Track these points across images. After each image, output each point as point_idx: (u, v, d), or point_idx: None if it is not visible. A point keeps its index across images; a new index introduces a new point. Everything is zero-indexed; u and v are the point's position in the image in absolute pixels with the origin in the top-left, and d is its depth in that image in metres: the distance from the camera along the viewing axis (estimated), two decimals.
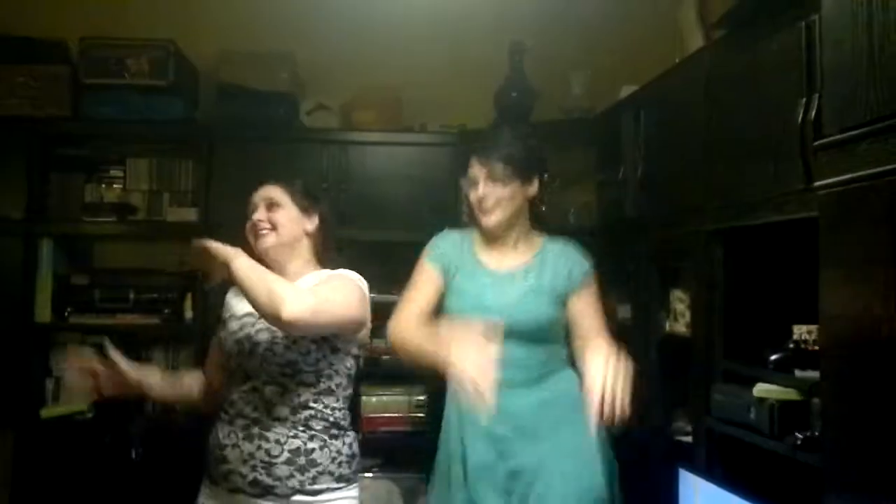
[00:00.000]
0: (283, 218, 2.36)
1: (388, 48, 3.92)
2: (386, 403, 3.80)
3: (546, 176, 2.60)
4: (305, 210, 2.40)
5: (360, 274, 2.41)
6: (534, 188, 2.54)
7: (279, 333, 2.25)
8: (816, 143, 1.64)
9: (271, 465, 2.21)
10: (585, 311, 2.52)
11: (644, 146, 2.88)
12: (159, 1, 3.94)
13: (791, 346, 2.14)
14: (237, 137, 3.77)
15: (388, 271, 3.77)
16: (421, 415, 3.76)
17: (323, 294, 2.20)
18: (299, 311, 2.07)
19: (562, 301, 2.52)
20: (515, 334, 2.42)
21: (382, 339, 3.65)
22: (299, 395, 2.26)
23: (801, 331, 2.17)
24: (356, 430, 2.45)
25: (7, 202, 3.69)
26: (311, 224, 2.41)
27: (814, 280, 2.22)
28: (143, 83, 3.75)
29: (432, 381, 2.67)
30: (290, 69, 3.83)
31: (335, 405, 2.33)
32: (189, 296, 3.78)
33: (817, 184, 1.60)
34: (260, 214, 2.35)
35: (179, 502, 2.45)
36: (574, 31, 3.86)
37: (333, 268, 2.39)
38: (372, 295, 3.63)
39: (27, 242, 3.72)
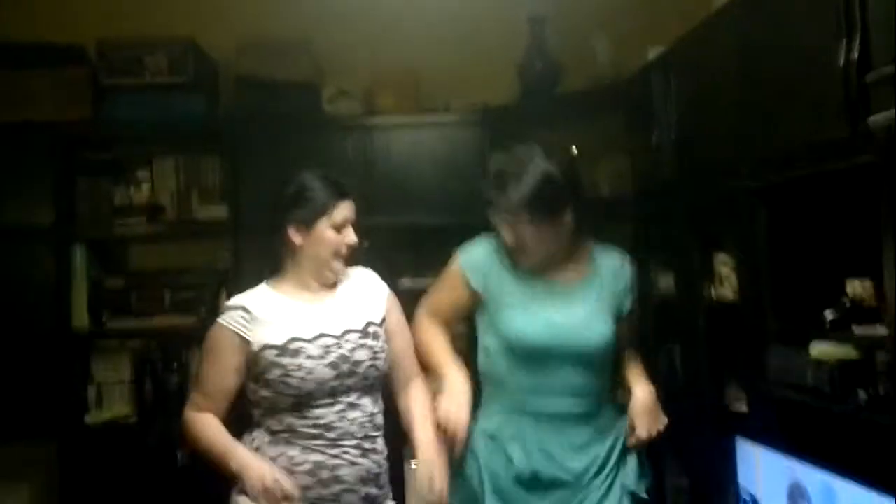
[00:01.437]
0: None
1: (404, 28, 3.85)
2: None
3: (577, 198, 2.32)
4: None
5: (389, 261, 2.38)
6: (569, 216, 2.26)
7: (377, 347, 2.25)
8: (867, 77, 1.54)
9: (380, 476, 2.22)
10: (628, 333, 2.37)
11: (677, 108, 2.79)
12: None
13: (847, 302, 2.05)
14: (260, 130, 3.72)
15: (419, 256, 3.74)
16: None
17: None
18: None
19: (617, 319, 2.32)
20: (579, 358, 2.25)
21: None
22: (378, 403, 2.27)
23: (854, 285, 2.09)
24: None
25: (36, 209, 3.65)
26: None
27: (862, 232, 2.15)
28: (163, 81, 3.71)
29: None
30: (308, 57, 3.77)
31: None
32: (224, 292, 3.75)
33: (871, 119, 1.51)
34: (352, 238, 2.24)
35: None
36: None
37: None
38: (405, 280, 3.63)
39: (59, 249, 3.69)
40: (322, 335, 2.20)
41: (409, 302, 2.47)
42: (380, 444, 2.23)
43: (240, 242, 3.66)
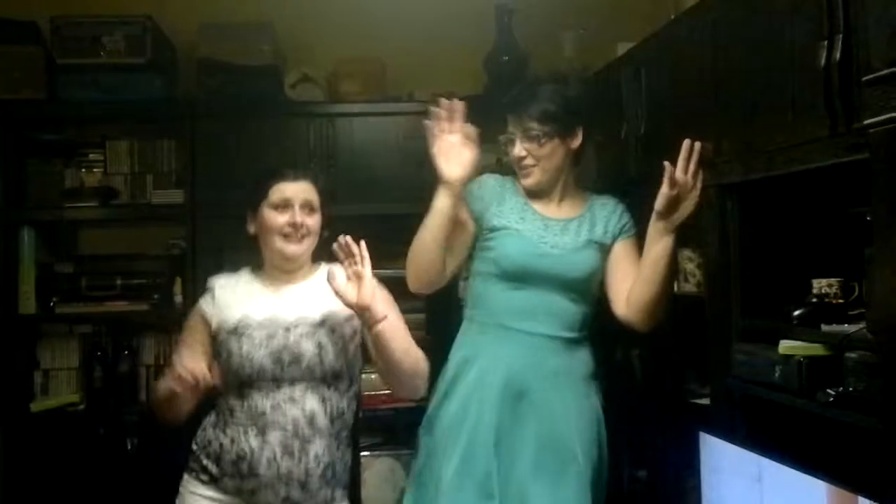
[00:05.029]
0: (317, 225, 2.30)
1: (370, 15, 3.80)
2: None
3: (587, 125, 2.53)
4: (326, 214, 2.34)
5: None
6: (577, 140, 2.47)
7: (324, 341, 2.19)
8: (865, 78, 1.54)
9: (307, 481, 2.14)
10: (628, 262, 2.46)
11: (647, 103, 2.79)
12: None
13: (814, 300, 2.07)
14: (220, 114, 3.64)
15: (381, 245, 3.69)
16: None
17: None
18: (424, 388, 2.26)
19: (601, 251, 2.47)
20: (562, 284, 2.40)
21: None
22: (336, 405, 2.21)
23: (820, 284, 2.11)
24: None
25: None
26: (324, 229, 2.34)
27: (830, 231, 2.17)
28: (120, 61, 3.60)
29: (433, 355, 2.60)
30: (270, 41, 3.70)
31: (354, 410, 2.31)
32: (178, 279, 3.66)
33: (868, 122, 1.51)
34: (299, 217, 2.25)
35: (177, 492, 2.34)
36: None
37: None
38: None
39: (6, 231, 3.58)
40: (271, 321, 2.20)
41: None
42: (316, 447, 2.15)
43: (195, 229, 3.59)
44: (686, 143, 2.21)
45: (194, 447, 2.28)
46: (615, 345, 2.99)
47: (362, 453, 3.52)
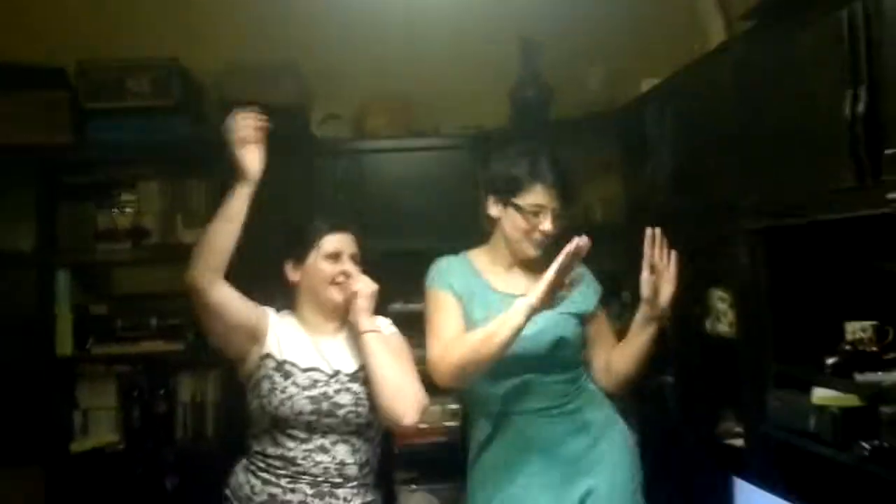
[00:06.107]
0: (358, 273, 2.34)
1: (395, 51, 3.78)
2: None
3: None
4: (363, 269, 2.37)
5: (382, 285, 2.37)
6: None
7: (362, 394, 2.23)
8: (886, 153, 1.53)
9: None
10: (604, 331, 2.50)
11: (672, 140, 2.77)
12: (159, 18, 3.80)
13: (847, 347, 2.04)
14: None
15: (409, 280, 3.69)
16: (455, 423, 3.67)
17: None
18: (417, 418, 2.16)
19: (580, 322, 2.44)
20: (544, 362, 2.36)
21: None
22: (364, 453, 2.27)
23: (853, 328, 2.08)
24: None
25: (17, 235, 3.58)
26: None
27: (864, 275, 2.15)
28: (147, 104, 3.65)
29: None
30: (296, 80, 3.72)
31: (379, 454, 2.37)
32: None
33: (889, 196, 1.49)
34: (350, 267, 2.31)
35: None
36: (586, 25, 3.67)
37: None
38: (397, 305, 3.60)
39: (41, 275, 3.62)
40: (314, 369, 2.25)
41: (399, 326, 2.46)
42: (345, 493, 2.21)
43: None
44: (647, 231, 2.32)
45: (227, 492, 2.31)
46: (649, 383, 2.98)
47: (400, 488, 3.53)
